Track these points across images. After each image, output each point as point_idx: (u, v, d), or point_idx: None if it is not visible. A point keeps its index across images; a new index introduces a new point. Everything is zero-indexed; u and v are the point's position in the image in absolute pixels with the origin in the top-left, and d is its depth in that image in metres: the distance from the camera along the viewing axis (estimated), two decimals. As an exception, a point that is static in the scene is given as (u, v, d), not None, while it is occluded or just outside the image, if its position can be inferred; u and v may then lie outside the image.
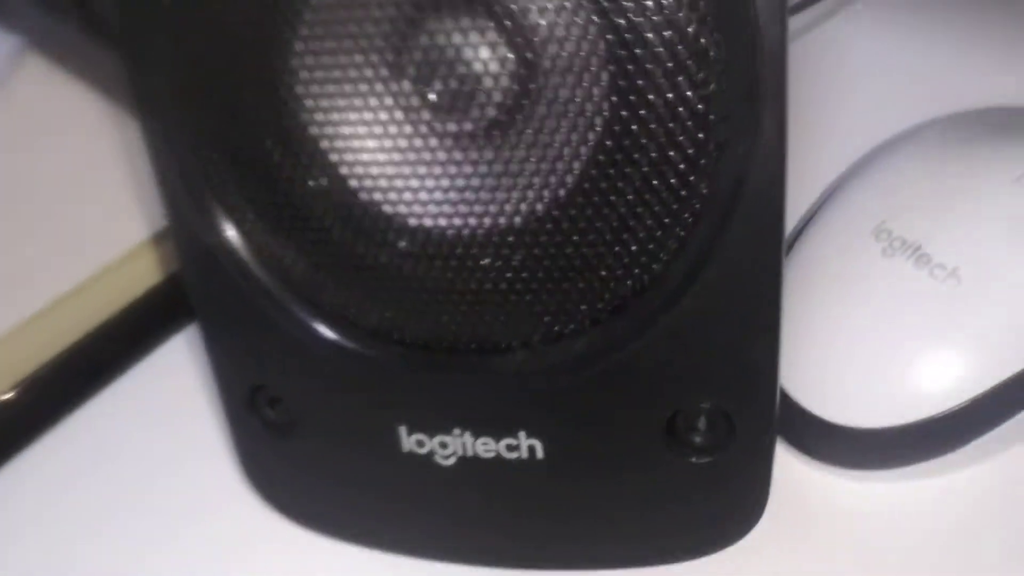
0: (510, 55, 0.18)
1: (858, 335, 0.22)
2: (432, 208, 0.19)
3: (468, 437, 0.21)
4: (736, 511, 0.21)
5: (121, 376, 0.28)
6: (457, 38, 0.18)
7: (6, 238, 0.32)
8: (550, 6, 0.17)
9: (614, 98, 0.17)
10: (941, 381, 0.21)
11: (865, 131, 0.26)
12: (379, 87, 0.18)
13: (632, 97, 0.17)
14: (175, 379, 0.28)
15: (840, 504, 0.22)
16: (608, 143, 0.18)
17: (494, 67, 0.18)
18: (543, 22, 0.17)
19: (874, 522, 0.22)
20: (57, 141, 0.36)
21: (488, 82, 0.18)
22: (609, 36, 0.17)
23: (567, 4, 0.17)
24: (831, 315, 0.22)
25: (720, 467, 0.20)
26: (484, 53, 0.18)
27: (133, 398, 0.28)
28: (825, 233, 0.23)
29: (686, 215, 0.18)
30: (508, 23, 0.17)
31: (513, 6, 0.17)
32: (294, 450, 0.23)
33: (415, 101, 0.19)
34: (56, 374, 0.28)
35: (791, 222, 0.25)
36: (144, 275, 0.30)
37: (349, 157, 0.19)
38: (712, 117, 0.17)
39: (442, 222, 0.19)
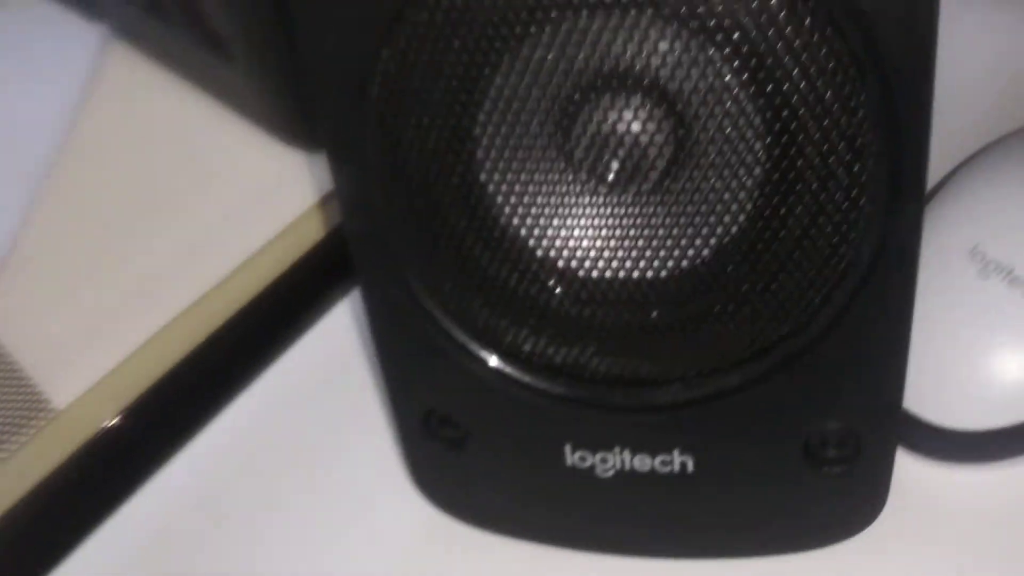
0: (667, 130, 0.20)
1: (961, 349, 0.25)
2: (595, 259, 0.22)
3: (627, 454, 0.24)
4: (859, 508, 0.24)
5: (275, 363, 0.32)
6: (619, 115, 0.20)
7: (129, 251, 0.35)
8: (704, 88, 0.19)
9: (768, 165, 0.20)
10: (1035, 391, 0.24)
11: (957, 140, 0.29)
12: (550, 156, 0.21)
13: (790, 175, 0.20)
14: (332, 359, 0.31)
15: (943, 494, 0.25)
16: (763, 211, 0.21)
17: (656, 140, 0.20)
18: (699, 103, 0.20)
19: (976, 510, 0.25)
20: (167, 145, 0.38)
21: (652, 155, 0.21)
22: (768, 114, 0.19)
23: (719, 85, 0.19)
24: (937, 331, 0.25)
25: (847, 476, 0.24)
26: (645, 128, 0.20)
27: (289, 385, 0.31)
28: (925, 253, 0.26)
29: (831, 276, 0.21)
30: (666, 100, 0.20)
31: (670, 85, 0.20)
32: (463, 462, 0.26)
33: (583, 169, 0.21)
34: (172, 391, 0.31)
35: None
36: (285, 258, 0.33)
37: (521, 217, 0.22)
38: (862, 200, 0.20)
39: (600, 271, 0.22)
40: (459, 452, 0.26)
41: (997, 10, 0.36)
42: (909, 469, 0.26)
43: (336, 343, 0.32)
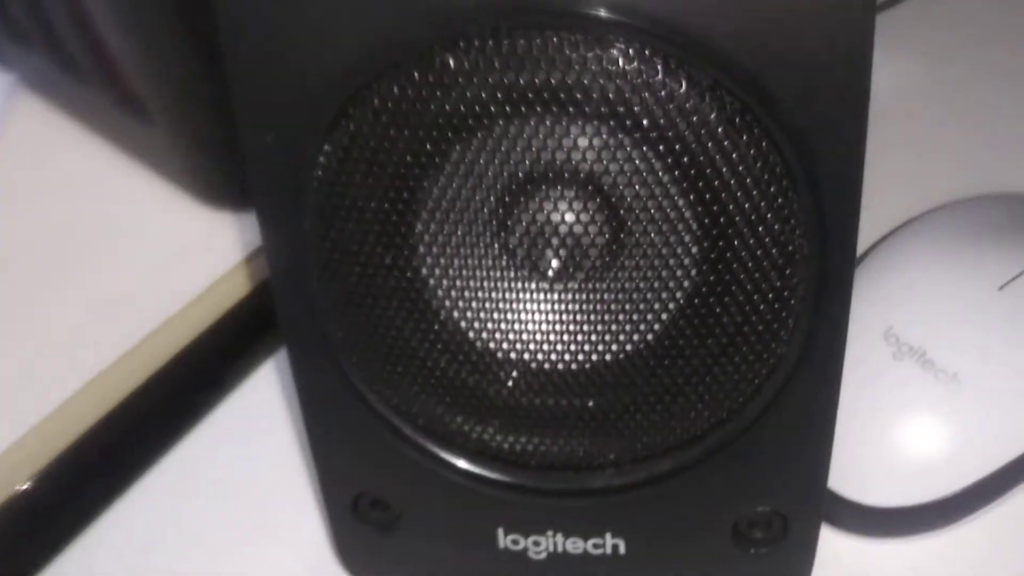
0: (605, 228, 0.21)
1: (877, 430, 0.26)
2: (534, 349, 0.22)
3: (559, 537, 0.24)
4: (785, 584, 0.25)
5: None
6: (558, 212, 0.21)
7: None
8: (645, 193, 0.20)
9: (704, 267, 0.20)
10: (948, 470, 0.25)
11: (872, 221, 0.30)
12: (492, 251, 0.21)
13: (724, 276, 0.20)
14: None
15: (864, 567, 0.26)
16: (698, 309, 0.21)
17: (595, 237, 0.21)
18: (638, 206, 0.20)
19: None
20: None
21: (590, 251, 0.21)
22: (705, 220, 0.20)
23: (659, 190, 0.20)
24: (855, 412, 0.26)
25: (774, 554, 0.24)
26: (585, 225, 0.21)
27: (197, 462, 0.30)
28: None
29: (762, 370, 0.22)
30: (603, 198, 0.21)
31: (608, 186, 0.20)
32: (393, 543, 0.26)
33: (523, 264, 0.22)
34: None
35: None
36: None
37: (462, 310, 0.22)
38: (792, 301, 0.21)
39: (539, 361, 0.22)
40: (389, 534, 0.26)
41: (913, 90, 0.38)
42: (831, 542, 0.27)
43: (261, 406, 0.31)
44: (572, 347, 0.22)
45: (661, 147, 0.19)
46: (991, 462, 0.25)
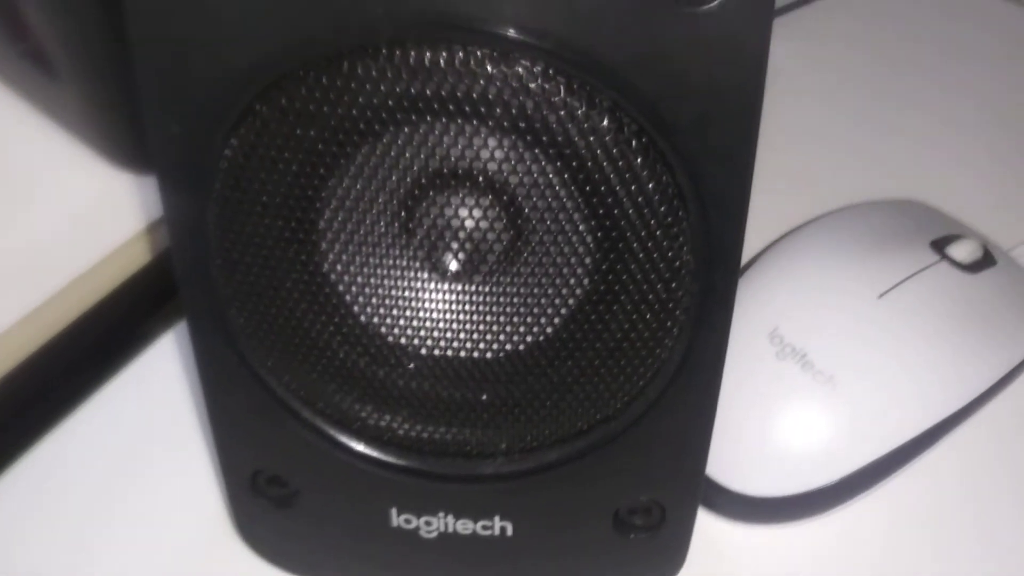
0: (503, 231, 0.21)
1: (757, 425, 0.27)
2: (432, 340, 0.23)
3: (450, 518, 0.25)
4: (662, 567, 0.27)
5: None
6: (458, 215, 0.21)
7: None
8: (542, 205, 0.21)
9: (596, 276, 0.21)
10: (820, 464, 0.27)
11: (770, 219, 0.31)
12: (393, 251, 0.22)
13: (614, 286, 0.21)
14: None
15: (738, 550, 0.28)
16: (588, 314, 0.22)
17: (491, 236, 0.22)
18: (535, 216, 0.21)
19: (766, 563, 0.28)
20: None
21: (488, 255, 0.22)
22: (599, 234, 0.21)
23: (556, 203, 0.21)
24: (737, 407, 0.27)
25: (652, 540, 0.26)
26: (481, 225, 0.21)
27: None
28: (731, 332, 0.28)
29: (647, 373, 0.23)
30: (501, 199, 0.21)
31: (507, 189, 0.21)
32: (290, 518, 0.26)
33: (424, 264, 0.22)
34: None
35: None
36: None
37: (362, 304, 0.23)
38: (677, 311, 0.22)
39: (438, 352, 0.23)
40: (287, 509, 0.26)
41: (804, 94, 0.39)
42: (709, 526, 0.28)
43: (162, 376, 0.31)
44: (468, 342, 0.23)
45: (560, 162, 0.20)
46: (857, 460, 0.27)
